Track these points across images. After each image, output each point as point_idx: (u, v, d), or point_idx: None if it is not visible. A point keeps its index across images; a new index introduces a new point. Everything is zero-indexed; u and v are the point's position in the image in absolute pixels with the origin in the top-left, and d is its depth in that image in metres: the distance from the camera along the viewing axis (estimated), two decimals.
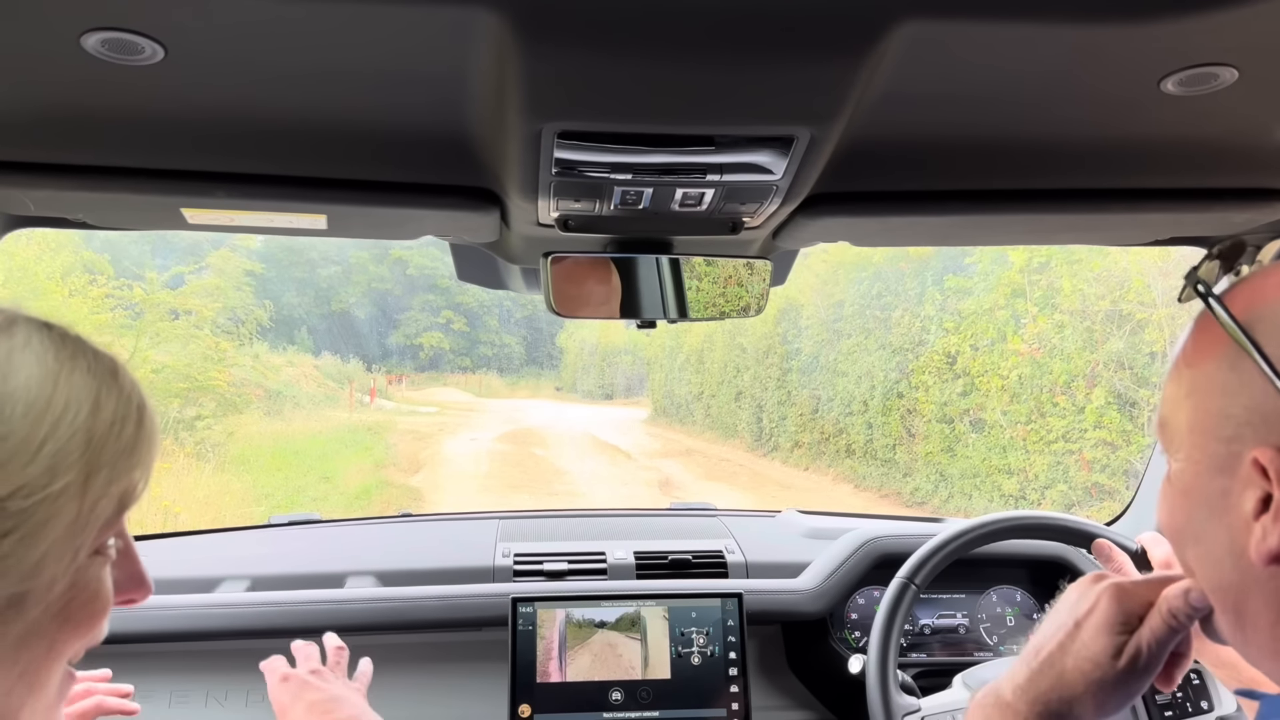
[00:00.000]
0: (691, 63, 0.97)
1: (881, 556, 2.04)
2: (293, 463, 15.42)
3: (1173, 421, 0.84)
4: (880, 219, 1.44)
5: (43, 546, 0.68)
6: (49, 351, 0.73)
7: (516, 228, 1.47)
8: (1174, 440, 0.85)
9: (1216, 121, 1.18)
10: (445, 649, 1.98)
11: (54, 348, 0.73)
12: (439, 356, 33.49)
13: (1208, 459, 0.80)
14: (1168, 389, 0.86)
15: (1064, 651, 0.97)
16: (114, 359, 0.79)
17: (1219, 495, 0.79)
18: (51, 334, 0.74)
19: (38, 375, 0.70)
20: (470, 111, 1.11)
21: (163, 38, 0.93)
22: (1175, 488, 0.85)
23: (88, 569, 0.74)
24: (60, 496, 0.69)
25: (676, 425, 22.57)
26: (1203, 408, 0.80)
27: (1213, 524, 0.81)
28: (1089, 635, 0.95)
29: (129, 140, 1.20)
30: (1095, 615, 0.95)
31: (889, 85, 1.04)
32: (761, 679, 2.08)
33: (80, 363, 0.74)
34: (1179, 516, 0.85)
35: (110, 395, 0.75)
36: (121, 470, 0.74)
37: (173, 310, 14.53)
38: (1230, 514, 0.78)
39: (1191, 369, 0.83)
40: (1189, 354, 0.83)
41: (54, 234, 11.80)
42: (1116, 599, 0.95)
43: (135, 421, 0.76)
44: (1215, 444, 0.79)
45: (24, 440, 0.68)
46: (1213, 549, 0.81)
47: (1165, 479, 0.88)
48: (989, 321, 11.65)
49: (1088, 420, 9.97)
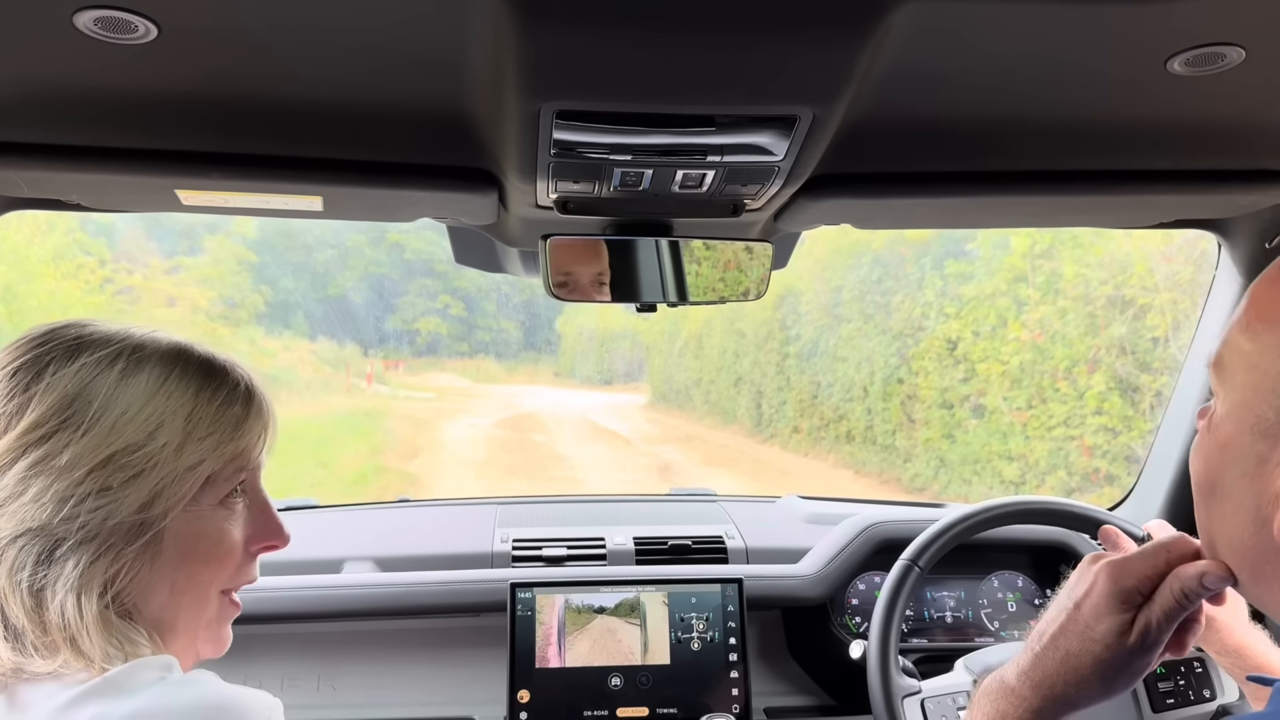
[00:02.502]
0: (692, 41, 0.96)
1: (882, 542, 2.04)
2: (289, 448, 15.37)
3: (1230, 366, 0.83)
4: (883, 201, 1.43)
5: (149, 486, 0.91)
6: (168, 357, 0.98)
7: (515, 210, 1.46)
8: (1226, 385, 0.84)
9: (1223, 102, 1.17)
10: (444, 634, 1.97)
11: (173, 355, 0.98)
12: (436, 341, 33.43)
13: (1254, 420, 0.79)
14: (1235, 336, 0.84)
15: (1066, 633, 0.96)
16: (228, 360, 1.04)
17: (1256, 460, 0.79)
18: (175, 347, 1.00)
19: (156, 374, 0.96)
20: (468, 91, 1.10)
21: (156, 16, 0.92)
22: (1215, 439, 0.84)
23: (211, 517, 0.98)
24: (161, 452, 0.92)
25: (675, 411, 22.56)
26: (1263, 367, 0.79)
27: (1243, 486, 0.80)
28: (1090, 616, 0.95)
29: (123, 120, 1.19)
30: (1093, 594, 0.95)
31: (892, 65, 1.03)
32: (762, 665, 2.07)
33: (192, 364, 0.99)
34: (1214, 467, 0.85)
35: (215, 383, 0.99)
36: (228, 437, 0.98)
37: (170, 296, 14.50)
38: (1261, 481, 0.78)
39: (1264, 324, 0.81)
40: (1265, 309, 0.82)
41: (45, 216, 11.76)
42: (1112, 576, 0.94)
43: (243, 402, 1.01)
44: (1266, 408, 0.78)
45: (134, 416, 0.92)
46: (1237, 509, 0.81)
47: (1204, 425, 0.87)
48: (990, 307, 11.62)
49: (1089, 406, 9.96)
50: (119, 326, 1.01)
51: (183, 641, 1.00)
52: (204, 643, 1.04)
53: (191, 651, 1.03)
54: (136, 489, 0.91)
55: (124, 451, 0.91)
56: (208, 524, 0.98)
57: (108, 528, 0.90)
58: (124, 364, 0.96)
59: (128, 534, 0.91)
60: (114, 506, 0.90)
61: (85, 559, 0.89)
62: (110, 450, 0.91)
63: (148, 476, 0.92)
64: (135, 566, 0.92)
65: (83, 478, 0.89)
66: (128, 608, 0.93)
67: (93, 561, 0.89)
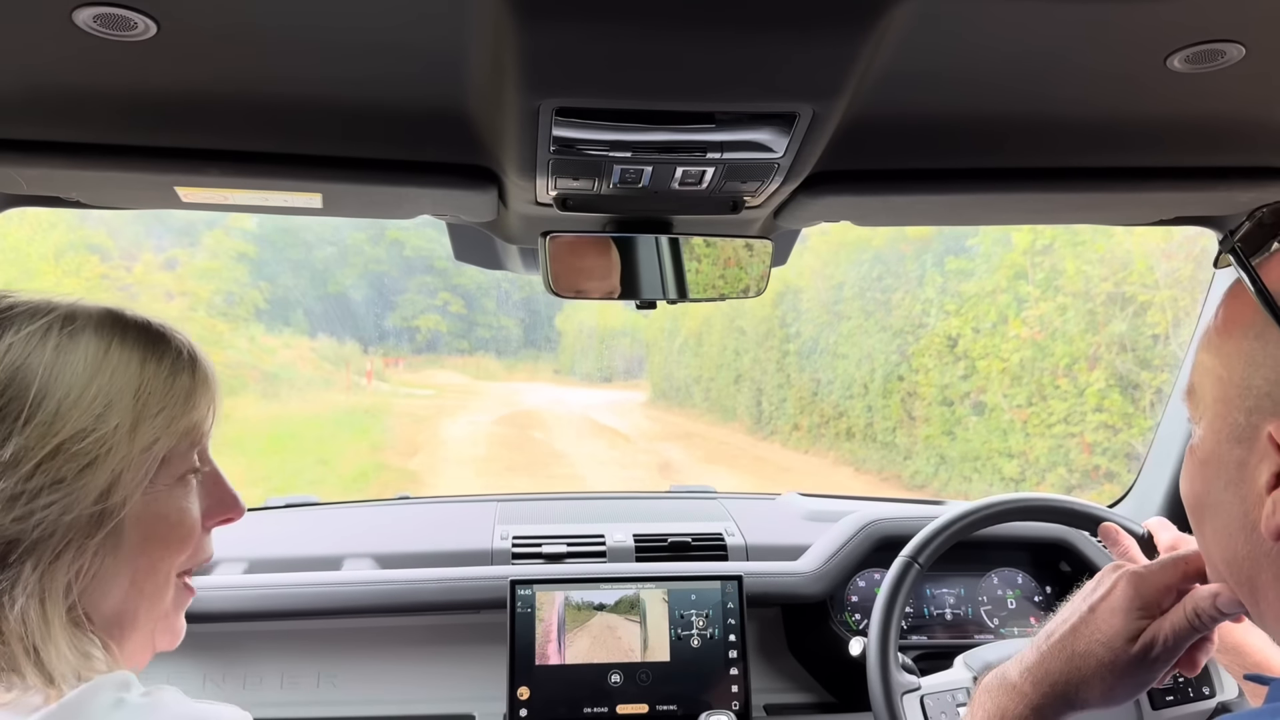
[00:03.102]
0: (692, 38, 0.95)
1: (882, 539, 2.04)
2: (289, 445, 15.40)
3: (1200, 388, 0.84)
4: (883, 198, 1.43)
5: (105, 474, 0.85)
6: (104, 326, 0.91)
7: (514, 207, 1.46)
8: (1199, 407, 0.85)
9: (1223, 99, 1.17)
10: (443, 631, 1.98)
11: (109, 323, 0.91)
12: (436, 339, 33.44)
13: (1229, 429, 0.80)
14: (1200, 356, 0.85)
15: (1076, 635, 0.97)
16: (163, 325, 0.97)
17: (1236, 466, 0.79)
18: (108, 314, 0.93)
19: (94, 347, 0.88)
20: (467, 87, 1.10)
21: (155, 12, 0.92)
22: (1196, 457, 0.85)
23: (169, 497, 0.93)
24: (113, 436, 0.86)
25: (675, 408, 22.57)
26: (1227, 377, 0.80)
27: (1229, 495, 0.81)
28: (1103, 620, 0.95)
29: (122, 117, 1.18)
30: (1111, 599, 0.96)
31: (892, 62, 1.03)
32: (761, 661, 2.08)
33: (130, 332, 0.92)
34: (1198, 485, 0.85)
35: (159, 353, 0.93)
36: (179, 411, 0.92)
37: (168, 292, 14.49)
38: (1245, 485, 0.78)
39: (1221, 337, 0.82)
40: (1221, 322, 0.83)
41: (47, 213, 11.76)
42: (1133, 584, 0.96)
43: (189, 371, 0.95)
44: (1237, 414, 0.79)
45: (79, 398, 0.85)
46: (1227, 522, 0.81)
47: (1189, 448, 0.88)
48: (990, 304, 11.62)
49: (1089, 403, 9.96)
50: (40, 295, 0.93)
51: (141, 635, 0.94)
52: (161, 634, 0.98)
53: (148, 646, 0.97)
54: (92, 478, 0.85)
55: (73, 439, 0.84)
56: (166, 504, 0.93)
57: (65, 523, 0.83)
58: (57, 338, 0.87)
59: (88, 527, 0.85)
60: (70, 500, 0.84)
61: (45, 560, 0.83)
62: (58, 439, 0.84)
63: (103, 463, 0.85)
64: (97, 561, 0.86)
65: (31, 472, 0.82)
66: (86, 610, 0.87)
67: (53, 561, 0.83)
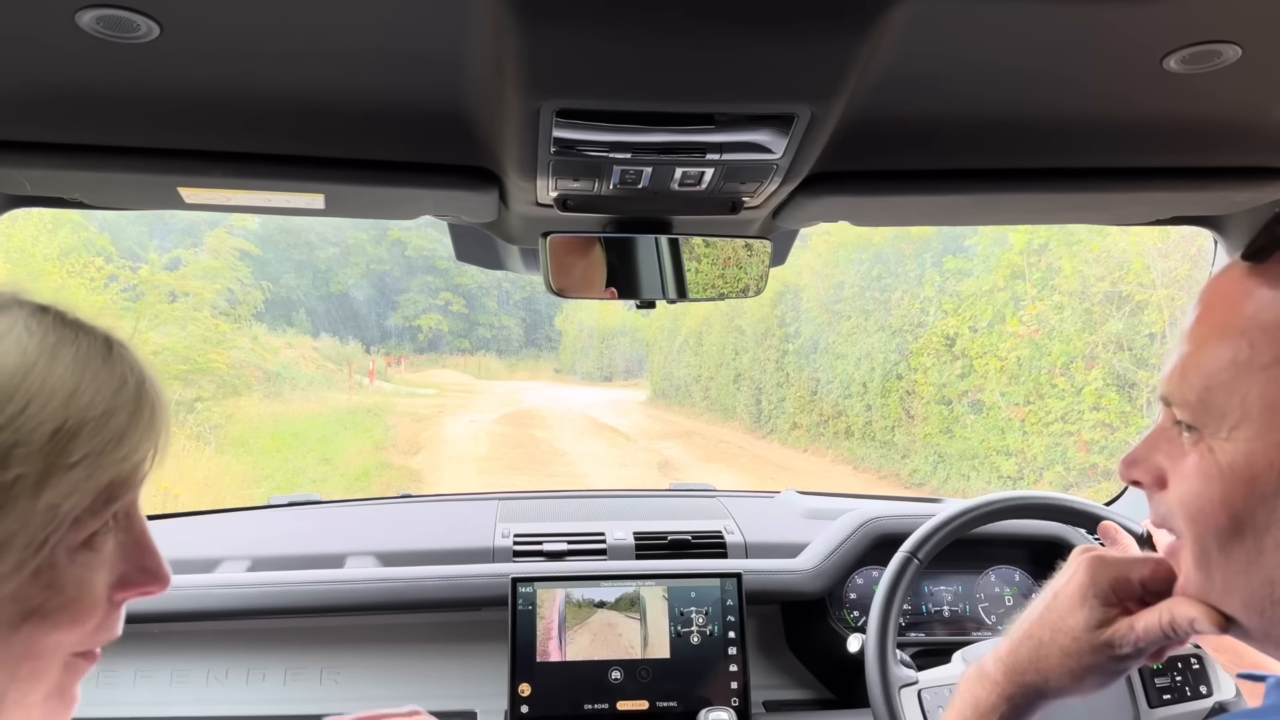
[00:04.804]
0: (691, 39, 0.96)
1: (880, 536, 2.05)
2: (292, 444, 15.42)
3: (1226, 395, 0.73)
4: (881, 198, 1.44)
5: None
6: (33, 338, 0.68)
7: (515, 207, 1.46)
8: (1225, 417, 0.73)
9: (1218, 100, 1.17)
10: (445, 629, 1.98)
11: (40, 334, 0.69)
12: (438, 338, 33.49)
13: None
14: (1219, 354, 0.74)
15: (1041, 622, 0.96)
16: (110, 344, 0.73)
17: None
18: (43, 320, 0.70)
19: (11, 366, 0.66)
20: (468, 89, 1.11)
21: (158, 15, 0.92)
22: (1236, 473, 0.72)
23: (67, 566, 0.70)
24: (12, 488, 0.64)
25: (675, 407, 22.59)
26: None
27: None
28: (1064, 605, 0.94)
29: (125, 119, 1.19)
30: (1071, 584, 0.94)
31: (890, 63, 1.04)
32: (760, 658, 2.08)
33: (64, 351, 0.69)
34: (1237, 505, 0.72)
35: (96, 383, 0.70)
36: (107, 460, 0.69)
37: (171, 292, 14.49)
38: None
39: (1268, 335, 0.71)
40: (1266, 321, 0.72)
41: (51, 214, 11.76)
42: (1090, 569, 0.93)
43: (130, 409, 0.71)
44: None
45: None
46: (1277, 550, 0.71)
47: (1211, 461, 0.74)
48: (988, 303, 11.63)
49: (1086, 402, 9.97)
50: None
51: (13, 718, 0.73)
52: (45, 715, 0.75)
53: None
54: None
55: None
56: (61, 575, 0.69)
57: None
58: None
59: None
60: None
61: None
62: None
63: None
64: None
65: None
66: None
67: None
